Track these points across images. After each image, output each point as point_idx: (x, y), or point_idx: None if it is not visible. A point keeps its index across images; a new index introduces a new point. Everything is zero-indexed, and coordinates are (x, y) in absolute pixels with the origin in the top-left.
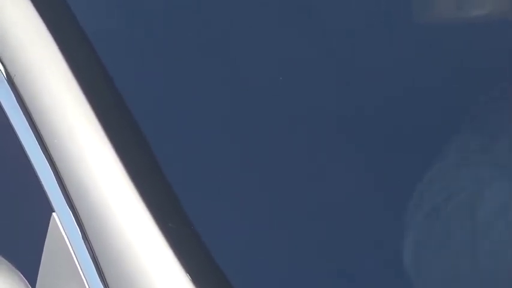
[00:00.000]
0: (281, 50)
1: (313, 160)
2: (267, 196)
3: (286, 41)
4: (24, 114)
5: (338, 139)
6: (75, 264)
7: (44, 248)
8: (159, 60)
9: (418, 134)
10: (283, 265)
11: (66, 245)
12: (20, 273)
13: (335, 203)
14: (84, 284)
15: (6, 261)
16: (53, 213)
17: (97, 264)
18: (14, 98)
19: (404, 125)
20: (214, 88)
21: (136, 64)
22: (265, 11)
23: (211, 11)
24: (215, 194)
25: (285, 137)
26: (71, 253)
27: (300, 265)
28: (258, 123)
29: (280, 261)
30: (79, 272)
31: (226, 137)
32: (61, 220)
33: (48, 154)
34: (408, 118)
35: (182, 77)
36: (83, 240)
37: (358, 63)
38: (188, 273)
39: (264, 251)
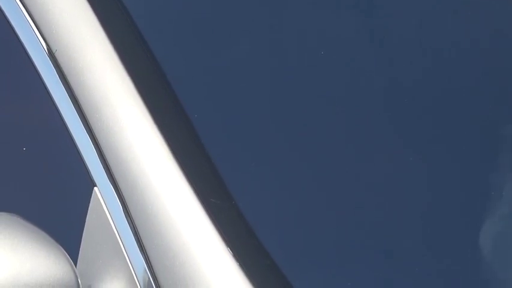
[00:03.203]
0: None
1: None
2: (308, 174)
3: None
4: (66, 89)
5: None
6: (116, 238)
7: (86, 222)
8: (197, 39)
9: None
10: (325, 243)
11: (108, 219)
12: (62, 247)
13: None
14: (125, 258)
15: (49, 236)
16: (95, 188)
17: (138, 238)
18: (56, 74)
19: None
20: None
21: (177, 43)
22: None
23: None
24: (256, 169)
25: (330, 130)
26: (112, 227)
27: (344, 241)
28: (299, 111)
29: (323, 239)
30: (120, 245)
31: (268, 117)
32: (102, 195)
33: (90, 129)
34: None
35: (221, 59)
36: (124, 215)
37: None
38: (229, 247)
39: (304, 227)
